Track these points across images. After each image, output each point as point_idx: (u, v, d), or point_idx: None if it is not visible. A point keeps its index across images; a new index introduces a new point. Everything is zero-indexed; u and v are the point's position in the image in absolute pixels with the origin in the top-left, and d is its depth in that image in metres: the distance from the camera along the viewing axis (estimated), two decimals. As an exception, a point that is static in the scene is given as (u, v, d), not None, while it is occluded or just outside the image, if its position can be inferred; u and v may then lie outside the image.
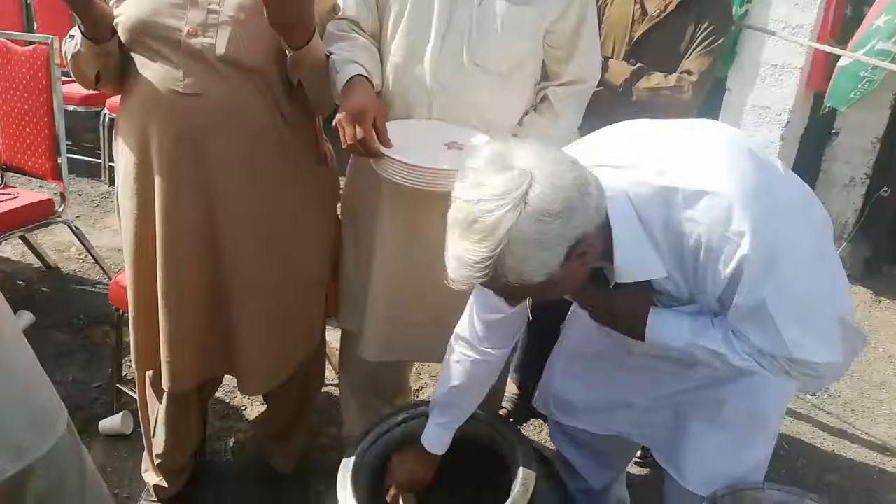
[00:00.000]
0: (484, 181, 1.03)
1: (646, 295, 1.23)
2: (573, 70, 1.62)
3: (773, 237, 1.09)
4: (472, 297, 1.42)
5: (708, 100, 2.44)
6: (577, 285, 1.17)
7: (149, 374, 1.77)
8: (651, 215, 1.12)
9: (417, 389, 2.48)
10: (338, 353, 2.20)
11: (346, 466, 1.48)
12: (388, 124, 1.47)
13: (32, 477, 1.31)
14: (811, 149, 3.64)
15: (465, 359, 1.45)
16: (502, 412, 2.31)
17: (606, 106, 1.83)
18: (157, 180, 1.49)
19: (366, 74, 1.49)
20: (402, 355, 1.85)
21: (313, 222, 1.68)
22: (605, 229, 1.12)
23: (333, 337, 2.61)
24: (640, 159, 1.15)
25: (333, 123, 1.48)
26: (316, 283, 1.75)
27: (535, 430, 2.31)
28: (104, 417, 2.29)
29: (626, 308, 1.24)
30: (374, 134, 1.42)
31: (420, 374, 2.55)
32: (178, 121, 1.46)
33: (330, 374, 2.53)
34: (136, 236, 1.56)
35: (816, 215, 1.22)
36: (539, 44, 1.57)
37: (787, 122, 3.35)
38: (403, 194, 1.52)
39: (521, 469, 1.41)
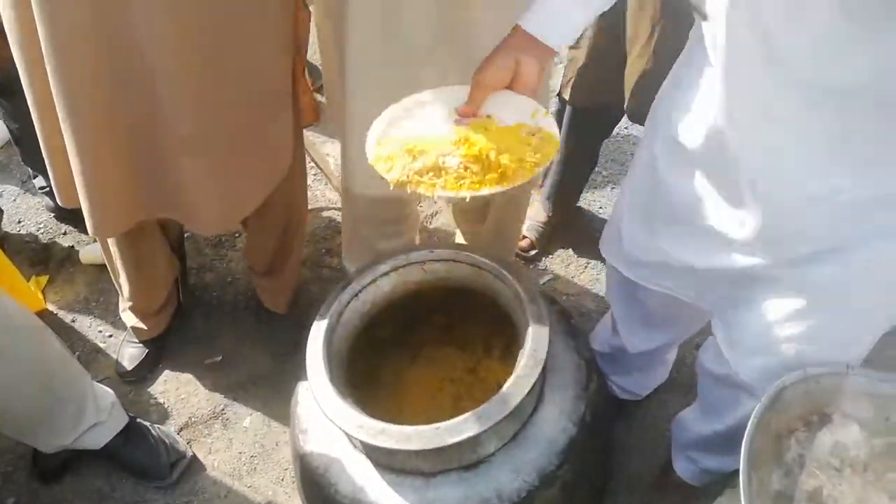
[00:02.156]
0: None
1: None
2: None
3: None
4: None
5: None
6: None
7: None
8: None
9: (431, 215, 2.18)
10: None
11: (318, 330, 1.22)
12: None
13: None
14: None
15: None
16: (524, 242, 2.02)
17: None
18: None
19: None
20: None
21: (265, 6, 1.24)
22: None
23: (337, 151, 2.31)
24: None
25: None
26: (276, 91, 1.35)
27: (562, 265, 2.02)
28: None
29: None
30: None
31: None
32: None
33: (333, 196, 2.26)
34: (20, 20, 1.17)
35: None
36: None
37: None
38: None
39: (529, 338, 1.13)
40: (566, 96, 1.73)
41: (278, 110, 1.38)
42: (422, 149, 0.99)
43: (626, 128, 2.37)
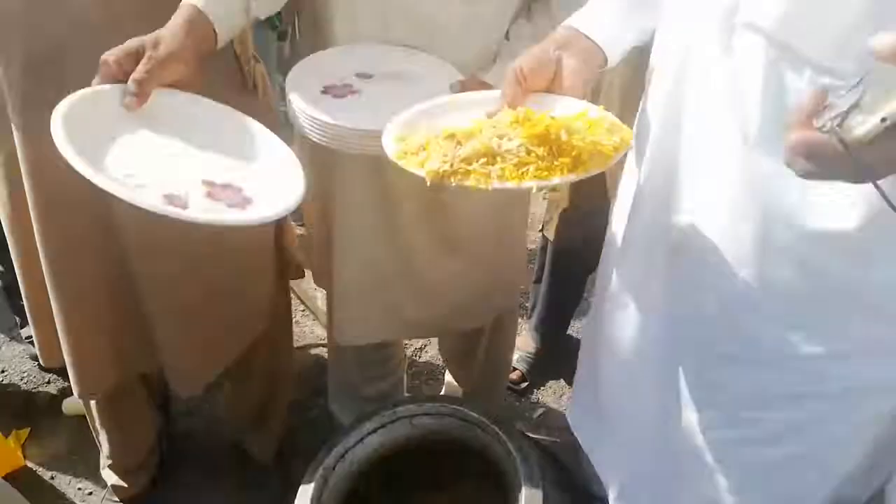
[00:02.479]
0: None
1: None
2: None
3: None
4: None
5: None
6: None
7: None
8: None
9: (419, 348, 2.16)
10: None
11: (304, 497, 1.18)
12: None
13: None
14: None
15: None
16: (514, 375, 1.99)
17: None
18: (13, 123, 1.13)
19: (206, 12, 0.90)
20: (383, 334, 1.51)
21: None
22: None
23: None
24: None
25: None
26: (257, 251, 1.38)
27: (554, 396, 2.00)
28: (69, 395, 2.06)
29: None
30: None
31: (422, 329, 2.23)
32: (25, 36, 1.07)
33: (322, 332, 2.24)
34: (10, 198, 1.22)
35: None
36: None
37: None
38: None
39: (522, 502, 1.10)
40: (549, 236, 1.76)
41: (262, 266, 1.40)
42: (467, 132, 0.79)
43: (609, 252, 2.40)
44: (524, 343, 2.04)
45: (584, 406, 1.25)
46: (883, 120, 0.48)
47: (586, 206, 1.62)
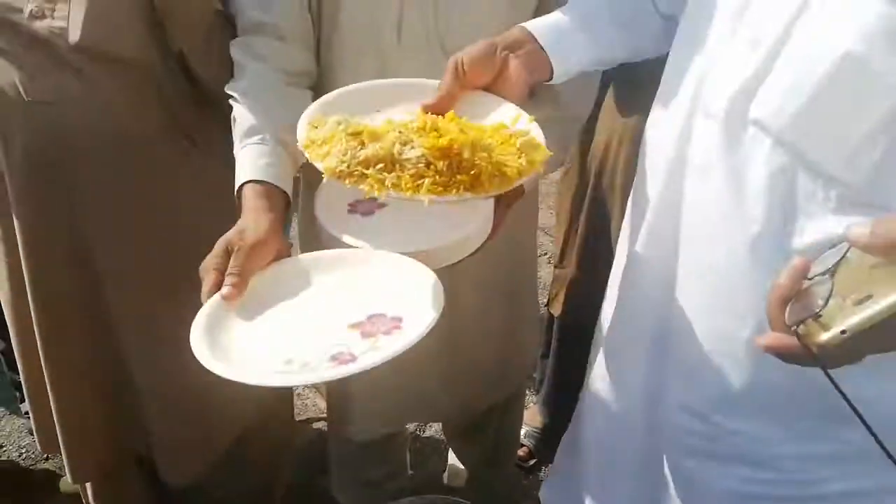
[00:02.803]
0: None
1: None
2: None
3: None
4: None
5: None
6: None
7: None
8: None
9: (423, 423, 2.11)
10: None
11: None
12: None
13: None
14: None
15: None
16: (522, 451, 1.94)
17: None
18: (16, 222, 1.15)
19: (269, 180, 0.89)
20: (395, 425, 1.48)
21: None
22: None
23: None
24: None
25: None
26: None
27: (564, 474, 1.93)
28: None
29: None
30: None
31: (427, 402, 2.18)
32: (26, 140, 1.10)
33: (325, 405, 2.20)
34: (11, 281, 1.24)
35: None
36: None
37: None
38: None
39: None
40: (555, 312, 1.73)
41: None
42: (373, 133, 0.77)
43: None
44: (532, 418, 1.99)
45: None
46: (843, 332, 0.55)
47: (595, 276, 1.60)
